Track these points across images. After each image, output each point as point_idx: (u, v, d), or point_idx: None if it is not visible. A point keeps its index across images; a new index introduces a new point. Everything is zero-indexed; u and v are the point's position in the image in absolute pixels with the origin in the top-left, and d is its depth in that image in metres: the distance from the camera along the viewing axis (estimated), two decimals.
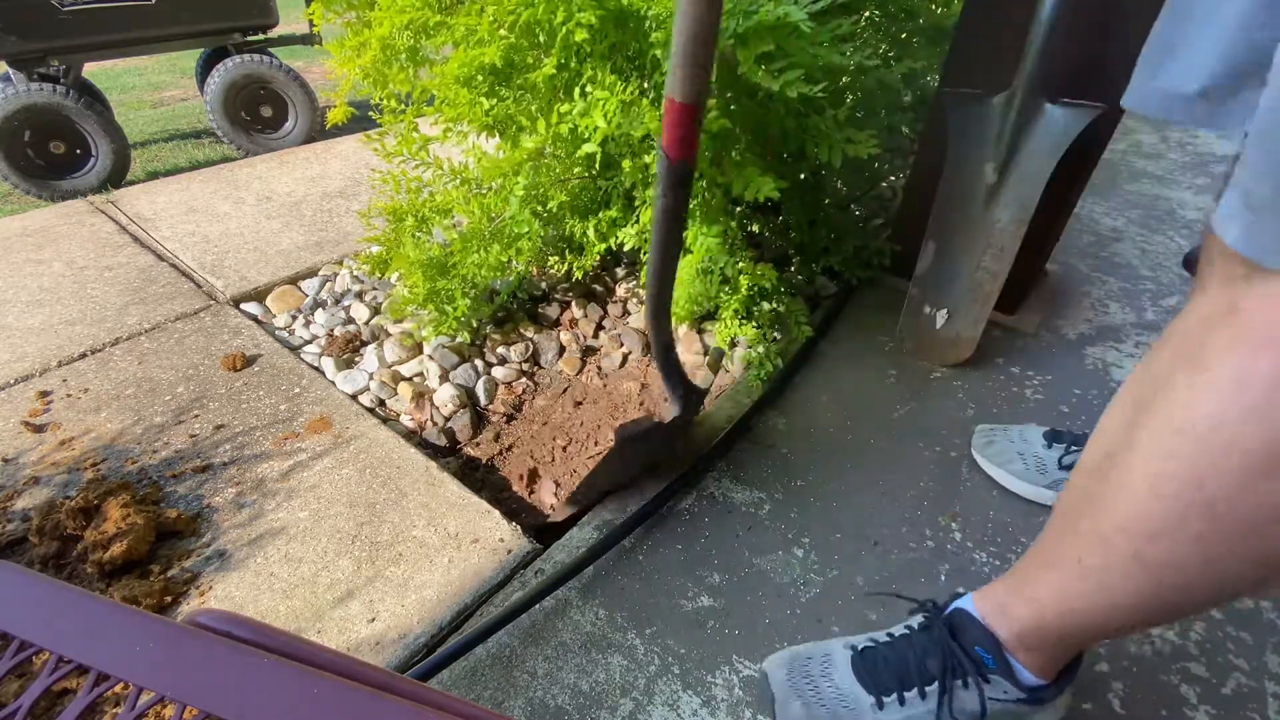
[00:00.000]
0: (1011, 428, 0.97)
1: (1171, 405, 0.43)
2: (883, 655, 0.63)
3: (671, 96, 0.51)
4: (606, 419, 1.13)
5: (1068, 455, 0.90)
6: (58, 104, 2.04)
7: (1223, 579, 0.44)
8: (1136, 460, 0.45)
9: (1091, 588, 0.49)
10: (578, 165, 1.17)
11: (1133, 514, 0.45)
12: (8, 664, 0.30)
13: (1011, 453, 0.93)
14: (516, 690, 0.70)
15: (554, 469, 1.06)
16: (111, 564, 0.80)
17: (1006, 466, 0.92)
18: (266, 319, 1.35)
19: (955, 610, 0.62)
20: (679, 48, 0.49)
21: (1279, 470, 0.38)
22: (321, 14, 1.11)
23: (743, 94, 1.02)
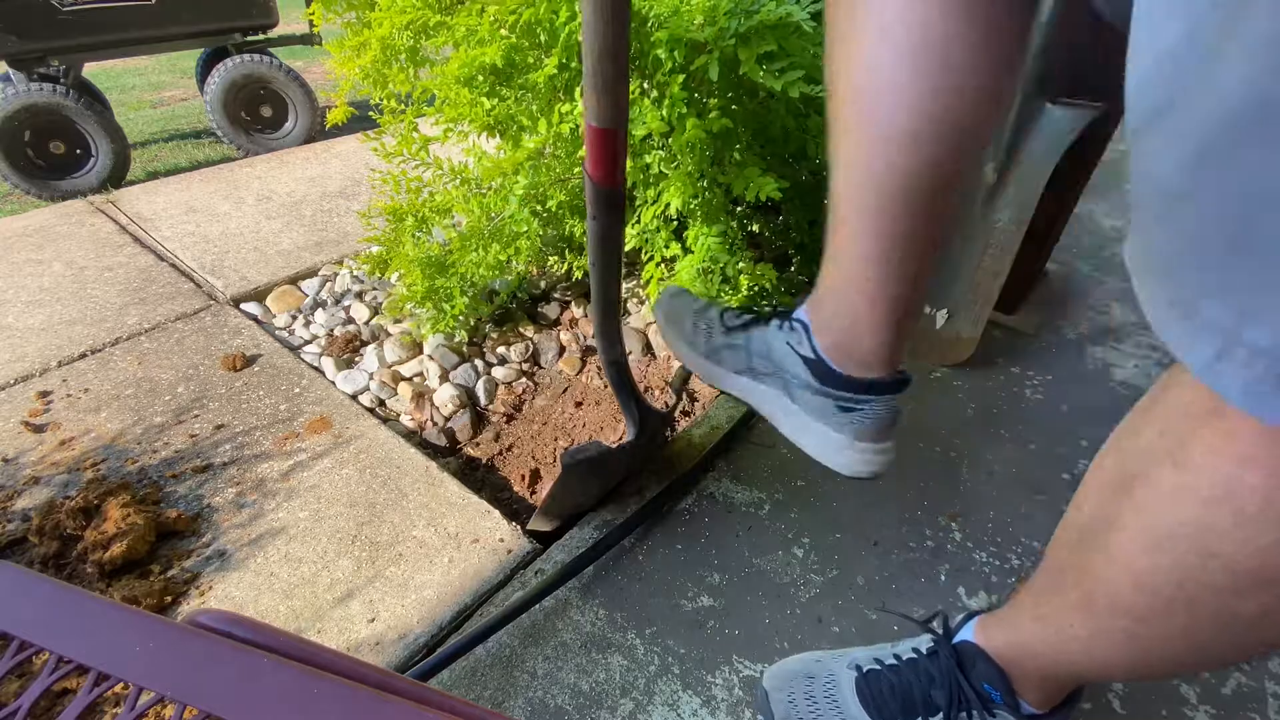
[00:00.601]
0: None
1: (1157, 502, 0.42)
2: (888, 681, 0.62)
3: (590, 122, 0.49)
4: (609, 420, 1.13)
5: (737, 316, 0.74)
6: (58, 104, 2.04)
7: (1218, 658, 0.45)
8: (1122, 548, 0.44)
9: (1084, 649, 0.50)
10: (578, 165, 1.17)
11: (1120, 599, 0.45)
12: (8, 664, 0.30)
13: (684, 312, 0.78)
14: (516, 690, 0.70)
15: (555, 470, 1.06)
16: (111, 564, 0.80)
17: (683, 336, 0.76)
18: (266, 319, 1.35)
19: (964, 642, 0.60)
20: (588, 69, 0.47)
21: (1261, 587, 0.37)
22: (321, 14, 1.11)
23: (743, 94, 1.03)
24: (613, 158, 0.50)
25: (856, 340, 0.61)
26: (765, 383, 0.69)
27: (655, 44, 0.88)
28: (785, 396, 0.67)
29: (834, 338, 0.62)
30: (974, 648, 0.59)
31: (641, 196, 1.10)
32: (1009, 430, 1.04)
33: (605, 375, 0.74)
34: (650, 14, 0.89)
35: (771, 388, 0.69)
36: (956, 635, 0.62)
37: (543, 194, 1.15)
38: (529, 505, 1.00)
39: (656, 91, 0.97)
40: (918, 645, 0.64)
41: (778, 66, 0.87)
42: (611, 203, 0.54)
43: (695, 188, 0.99)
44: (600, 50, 0.45)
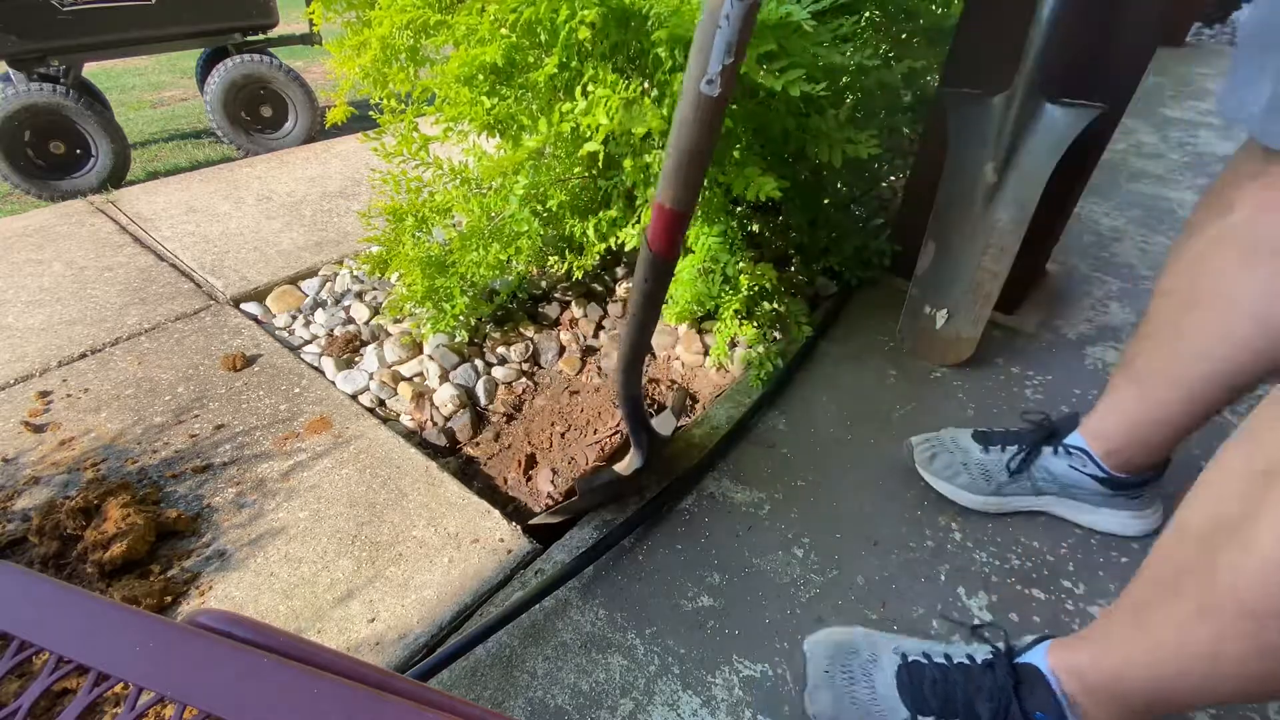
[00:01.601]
0: (944, 435, 0.93)
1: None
2: (932, 677, 0.62)
3: (662, 203, 0.54)
4: (606, 406, 1.13)
5: (1012, 459, 0.86)
6: (58, 104, 2.04)
7: None
8: (1260, 540, 0.42)
9: (1190, 663, 0.48)
10: (578, 165, 1.17)
11: (1262, 593, 0.43)
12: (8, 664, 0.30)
13: (955, 465, 0.89)
14: (516, 690, 0.70)
15: (551, 455, 1.06)
16: (111, 564, 0.80)
17: (954, 481, 0.89)
18: (266, 319, 1.35)
19: (1026, 664, 0.60)
20: (675, 163, 0.51)
21: None
22: (321, 14, 1.11)
23: (744, 94, 1.02)
24: (677, 235, 0.55)
25: (1140, 456, 0.77)
26: (1052, 495, 0.85)
27: (655, 43, 0.88)
28: (1072, 501, 0.84)
29: (1120, 456, 0.77)
30: (1037, 673, 0.58)
31: (641, 196, 1.10)
32: None
33: (621, 407, 0.79)
34: (650, 13, 0.89)
35: (1059, 496, 0.85)
36: (1022, 655, 0.61)
37: (543, 194, 1.15)
38: (526, 500, 1.00)
39: (656, 91, 0.97)
40: (973, 653, 0.64)
41: (778, 66, 0.87)
42: (666, 271, 0.58)
43: None
44: (690, 150, 0.49)
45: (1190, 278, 0.64)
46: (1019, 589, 0.81)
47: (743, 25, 0.42)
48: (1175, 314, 0.67)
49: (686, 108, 0.47)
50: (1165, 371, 0.69)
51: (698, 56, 0.45)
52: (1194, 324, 0.65)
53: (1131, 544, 0.86)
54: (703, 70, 0.44)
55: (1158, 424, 0.73)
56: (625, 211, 1.20)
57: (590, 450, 1.06)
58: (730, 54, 0.43)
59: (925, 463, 0.90)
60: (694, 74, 0.45)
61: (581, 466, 1.04)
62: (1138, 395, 0.74)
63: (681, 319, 1.24)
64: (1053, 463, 0.81)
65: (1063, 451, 0.81)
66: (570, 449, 1.07)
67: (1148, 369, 0.71)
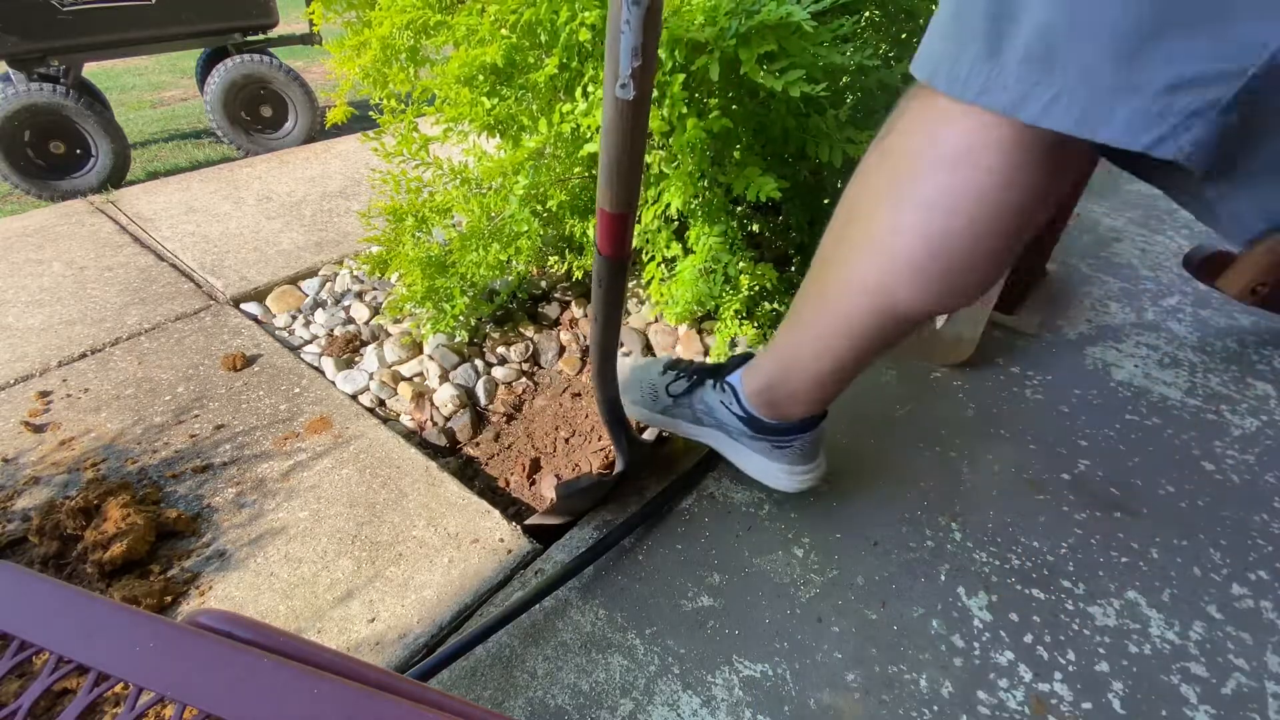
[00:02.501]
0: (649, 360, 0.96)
1: None
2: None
3: (603, 207, 0.55)
4: None
5: (672, 384, 0.88)
6: (58, 104, 2.04)
7: None
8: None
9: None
10: (578, 165, 1.17)
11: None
12: (8, 664, 0.30)
13: (635, 382, 0.93)
14: (516, 690, 0.70)
15: (555, 459, 1.06)
16: (111, 564, 0.80)
17: (626, 394, 0.89)
18: (266, 319, 1.35)
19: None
20: (606, 162, 0.51)
21: None
22: (321, 14, 1.11)
23: (744, 94, 1.02)
24: (622, 236, 0.56)
25: (792, 404, 0.75)
26: (710, 427, 0.86)
27: None
28: (727, 436, 0.85)
29: (768, 397, 0.76)
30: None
31: (642, 196, 1.10)
32: (1009, 430, 1.04)
33: (599, 411, 0.80)
34: None
35: (715, 429, 0.85)
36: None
37: (543, 194, 1.15)
38: (529, 503, 1.00)
39: (657, 91, 0.97)
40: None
41: (778, 66, 0.87)
42: (618, 272, 0.60)
43: (696, 187, 0.99)
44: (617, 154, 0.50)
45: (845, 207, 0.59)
46: (1019, 589, 0.81)
47: (645, 28, 0.43)
48: (830, 247, 0.62)
49: (609, 112, 0.48)
50: (812, 307, 0.65)
51: (610, 63, 0.45)
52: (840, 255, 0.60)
53: (1131, 544, 0.86)
54: (615, 75, 0.45)
55: (805, 367, 0.70)
56: None
57: (595, 457, 1.06)
58: (637, 57, 0.44)
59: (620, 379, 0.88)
60: (609, 80, 0.46)
61: (586, 473, 1.04)
62: (788, 333, 0.70)
63: (682, 319, 1.24)
64: (710, 395, 0.82)
65: (720, 387, 0.81)
66: (574, 454, 1.07)
67: (799, 306, 0.67)
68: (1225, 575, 0.83)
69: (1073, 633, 0.76)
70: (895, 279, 0.55)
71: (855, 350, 0.63)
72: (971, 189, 0.49)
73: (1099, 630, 0.76)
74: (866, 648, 0.75)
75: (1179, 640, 0.76)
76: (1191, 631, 0.77)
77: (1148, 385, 1.14)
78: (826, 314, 0.63)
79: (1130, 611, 0.79)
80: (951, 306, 0.57)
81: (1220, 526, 0.89)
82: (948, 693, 0.70)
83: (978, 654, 0.74)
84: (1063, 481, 0.95)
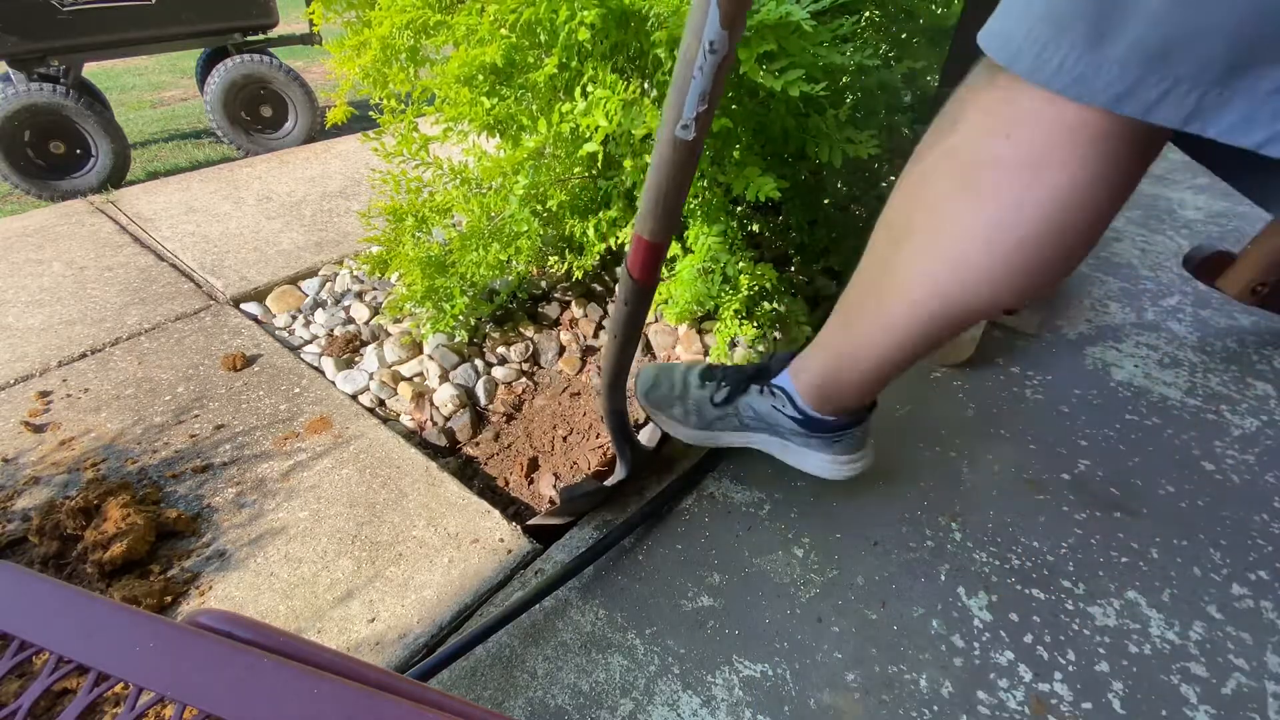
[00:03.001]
0: (676, 366, 0.92)
1: None
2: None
3: (641, 235, 0.56)
4: None
5: (716, 393, 0.86)
6: (58, 104, 2.04)
7: None
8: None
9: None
10: (578, 165, 1.17)
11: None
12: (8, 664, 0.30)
13: (672, 396, 0.89)
14: (516, 690, 0.70)
15: (554, 458, 1.06)
16: (111, 564, 0.80)
17: (668, 411, 0.88)
18: (266, 319, 1.35)
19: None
20: (654, 199, 0.53)
21: None
22: (321, 14, 1.11)
23: (744, 94, 1.02)
24: (655, 264, 0.58)
25: (842, 398, 0.76)
26: (759, 432, 0.86)
27: (655, 44, 0.88)
28: (778, 439, 0.85)
29: (822, 394, 0.76)
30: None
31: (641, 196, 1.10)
32: (1009, 430, 1.04)
33: (606, 422, 0.81)
34: (650, 13, 0.89)
35: (765, 434, 0.85)
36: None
37: (543, 194, 1.15)
38: (528, 502, 1.00)
39: (656, 91, 0.97)
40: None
41: (778, 66, 0.87)
42: (646, 295, 0.62)
43: (695, 187, 0.99)
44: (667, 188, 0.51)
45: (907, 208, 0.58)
46: (1019, 589, 0.81)
47: (716, 76, 0.44)
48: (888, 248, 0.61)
49: (664, 148, 0.49)
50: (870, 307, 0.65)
51: (674, 102, 0.46)
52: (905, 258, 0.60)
53: (1131, 544, 0.86)
54: (678, 115, 0.46)
55: (863, 362, 0.70)
56: (625, 211, 1.20)
57: (593, 455, 1.06)
58: (704, 102, 0.45)
59: (649, 392, 0.88)
60: (670, 118, 0.47)
61: (585, 471, 1.04)
62: (843, 332, 0.71)
63: (681, 319, 1.24)
64: (757, 401, 0.82)
65: (767, 391, 0.81)
66: (573, 453, 1.07)
67: (855, 304, 0.67)
68: (1225, 575, 0.83)
69: (1073, 633, 0.76)
70: (975, 282, 0.55)
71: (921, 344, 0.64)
72: (1056, 192, 0.49)
73: (1099, 630, 0.76)
74: (866, 648, 0.75)
75: (1179, 640, 0.76)
76: (1191, 631, 0.77)
77: (1148, 385, 1.14)
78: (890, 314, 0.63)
79: (1130, 611, 0.79)
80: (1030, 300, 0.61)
81: (1220, 526, 0.89)
82: (948, 693, 0.70)
83: (978, 654, 0.74)
84: (1063, 481, 0.95)
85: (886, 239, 0.61)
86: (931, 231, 0.56)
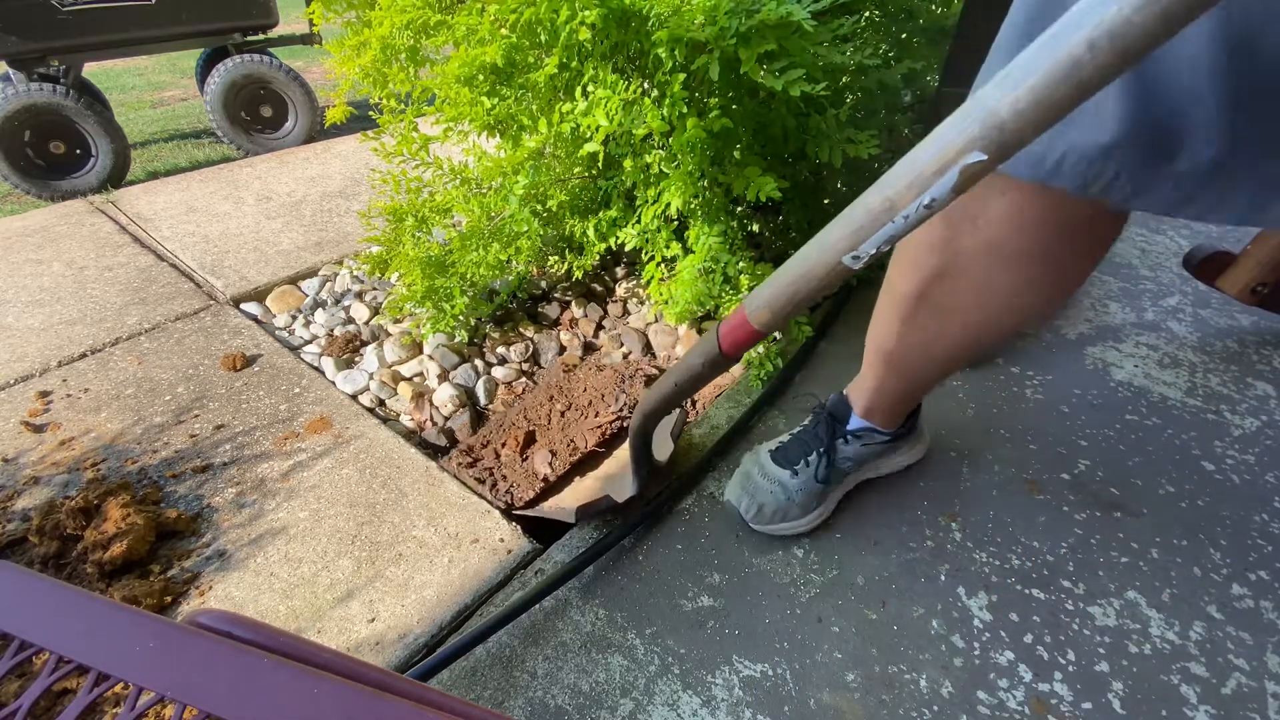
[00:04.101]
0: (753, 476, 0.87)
1: None
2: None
3: (750, 319, 0.55)
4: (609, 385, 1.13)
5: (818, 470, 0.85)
6: (58, 104, 2.04)
7: None
8: None
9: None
10: (578, 165, 1.17)
11: None
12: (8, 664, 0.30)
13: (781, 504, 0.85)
14: (516, 690, 0.70)
15: (549, 432, 1.06)
16: (111, 564, 0.80)
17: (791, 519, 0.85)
18: (266, 319, 1.35)
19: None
20: (786, 296, 0.51)
21: None
22: (321, 14, 1.11)
23: (744, 94, 1.02)
24: (749, 346, 0.59)
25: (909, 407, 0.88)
26: (855, 472, 0.91)
27: (655, 43, 0.88)
28: (871, 464, 0.91)
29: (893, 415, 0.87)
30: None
31: (642, 196, 1.10)
32: (1009, 430, 1.04)
33: (631, 442, 0.84)
34: (650, 13, 0.89)
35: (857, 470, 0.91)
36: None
37: (543, 194, 1.15)
38: (519, 481, 1.00)
39: (657, 91, 0.97)
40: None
41: (778, 66, 0.87)
42: (722, 366, 0.63)
43: (695, 187, 0.99)
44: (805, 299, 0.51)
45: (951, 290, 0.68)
46: (1019, 589, 0.81)
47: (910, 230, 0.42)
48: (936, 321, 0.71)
49: (820, 266, 0.47)
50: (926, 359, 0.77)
51: (851, 229, 0.44)
52: (953, 333, 0.71)
53: (1131, 544, 0.86)
54: (853, 246, 0.44)
55: (923, 389, 0.84)
56: (625, 211, 1.20)
57: (591, 434, 1.05)
58: (888, 245, 0.43)
59: (758, 519, 0.85)
60: (839, 244, 0.45)
61: (581, 450, 1.03)
62: (901, 378, 0.81)
63: (681, 319, 1.24)
64: (847, 450, 0.87)
65: (852, 439, 0.87)
66: (570, 429, 1.06)
67: (909, 359, 0.78)
68: (1225, 575, 0.83)
69: (1073, 633, 0.76)
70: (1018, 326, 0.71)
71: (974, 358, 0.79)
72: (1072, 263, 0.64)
73: (1099, 630, 0.76)
74: (866, 648, 0.75)
75: (1179, 640, 0.76)
76: (1191, 631, 0.77)
77: (1148, 385, 1.14)
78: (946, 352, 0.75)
79: (1130, 611, 0.79)
80: None
81: (1220, 526, 0.89)
82: (948, 693, 0.70)
83: (978, 654, 0.74)
84: (1063, 481, 0.95)
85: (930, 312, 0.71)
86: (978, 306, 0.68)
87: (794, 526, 0.86)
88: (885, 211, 0.41)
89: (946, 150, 0.37)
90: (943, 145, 0.37)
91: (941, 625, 0.77)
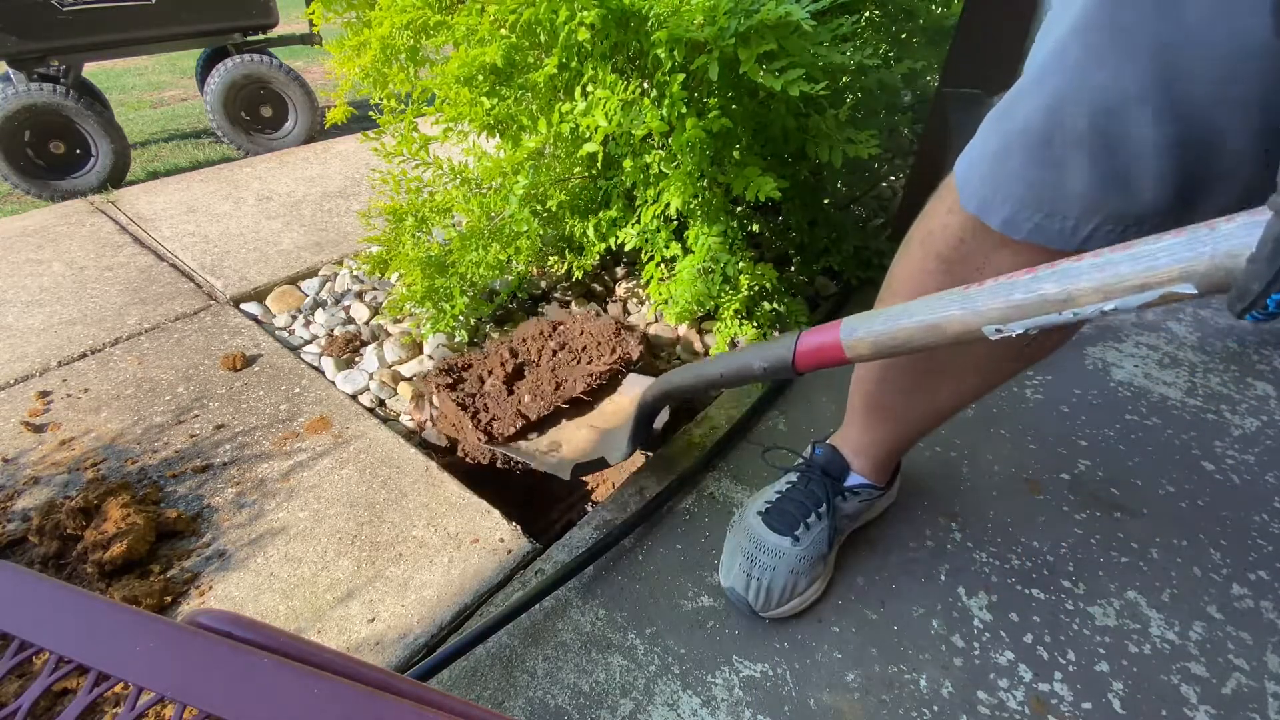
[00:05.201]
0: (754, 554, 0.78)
1: None
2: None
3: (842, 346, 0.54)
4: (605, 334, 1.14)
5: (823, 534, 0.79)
6: (58, 104, 2.04)
7: None
8: None
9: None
10: (578, 165, 1.17)
11: None
12: (8, 664, 0.30)
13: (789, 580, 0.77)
14: (516, 690, 0.70)
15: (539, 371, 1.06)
16: (111, 564, 0.80)
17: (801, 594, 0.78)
18: (266, 319, 1.35)
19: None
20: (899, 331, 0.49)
21: None
22: (321, 14, 1.11)
23: (744, 93, 1.02)
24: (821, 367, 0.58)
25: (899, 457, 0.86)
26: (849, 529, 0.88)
27: (655, 44, 0.88)
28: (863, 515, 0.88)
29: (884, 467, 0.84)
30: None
31: (641, 196, 1.10)
32: (1009, 430, 1.04)
33: (639, 406, 0.84)
34: (650, 14, 0.89)
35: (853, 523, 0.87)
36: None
37: (543, 194, 1.15)
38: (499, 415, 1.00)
39: (656, 91, 0.97)
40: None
41: (778, 66, 0.87)
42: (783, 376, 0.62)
43: (695, 187, 0.99)
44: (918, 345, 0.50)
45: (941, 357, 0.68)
46: (1019, 589, 0.81)
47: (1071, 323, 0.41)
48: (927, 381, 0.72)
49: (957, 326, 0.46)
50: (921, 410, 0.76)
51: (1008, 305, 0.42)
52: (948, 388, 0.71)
53: (1131, 544, 0.86)
54: (1003, 320, 0.43)
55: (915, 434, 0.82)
56: (625, 211, 1.20)
57: (581, 381, 1.03)
58: (1037, 331, 0.42)
59: (767, 605, 0.77)
60: (989, 314, 0.43)
61: (568, 394, 1.02)
62: (896, 429, 0.80)
63: (682, 319, 1.24)
64: (846, 507, 0.82)
65: (850, 495, 0.82)
66: (560, 371, 1.05)
67: (904, 412, 0.77)
68: (1225, 575, 0.83)
69: (1073, 633, 0.76)
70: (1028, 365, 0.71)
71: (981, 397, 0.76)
72: None
73: (1099, 630, 0.76)
74: (866, 648, 0.75)
75: (1179, 640, 0.76)
76: (1191, 631, 0.77)
77: (1148, 385, 1.14)
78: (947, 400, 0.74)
79: (1130, 611, 0.79)
80: None
81: (1220, 526, 0.89)
82: (948, 693, 0.70)
83: (978, 654, 0.74)
84: (1063, 481, 0.95)
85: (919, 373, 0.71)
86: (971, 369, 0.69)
87: (804, 600, 0.78)
88: (1060, 303, 0.39)
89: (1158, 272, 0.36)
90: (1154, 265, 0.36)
91: (941, 625, 0.77)
